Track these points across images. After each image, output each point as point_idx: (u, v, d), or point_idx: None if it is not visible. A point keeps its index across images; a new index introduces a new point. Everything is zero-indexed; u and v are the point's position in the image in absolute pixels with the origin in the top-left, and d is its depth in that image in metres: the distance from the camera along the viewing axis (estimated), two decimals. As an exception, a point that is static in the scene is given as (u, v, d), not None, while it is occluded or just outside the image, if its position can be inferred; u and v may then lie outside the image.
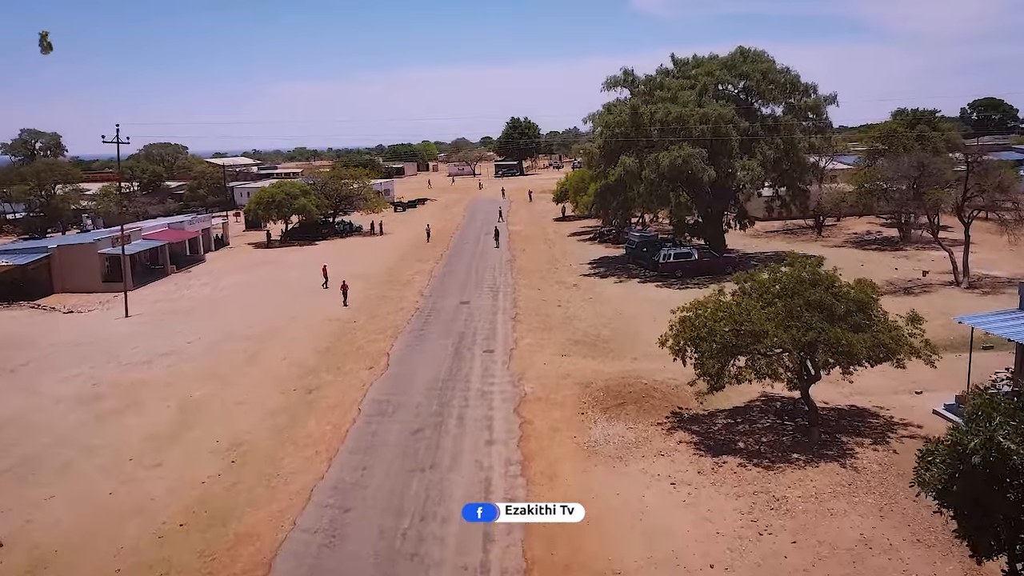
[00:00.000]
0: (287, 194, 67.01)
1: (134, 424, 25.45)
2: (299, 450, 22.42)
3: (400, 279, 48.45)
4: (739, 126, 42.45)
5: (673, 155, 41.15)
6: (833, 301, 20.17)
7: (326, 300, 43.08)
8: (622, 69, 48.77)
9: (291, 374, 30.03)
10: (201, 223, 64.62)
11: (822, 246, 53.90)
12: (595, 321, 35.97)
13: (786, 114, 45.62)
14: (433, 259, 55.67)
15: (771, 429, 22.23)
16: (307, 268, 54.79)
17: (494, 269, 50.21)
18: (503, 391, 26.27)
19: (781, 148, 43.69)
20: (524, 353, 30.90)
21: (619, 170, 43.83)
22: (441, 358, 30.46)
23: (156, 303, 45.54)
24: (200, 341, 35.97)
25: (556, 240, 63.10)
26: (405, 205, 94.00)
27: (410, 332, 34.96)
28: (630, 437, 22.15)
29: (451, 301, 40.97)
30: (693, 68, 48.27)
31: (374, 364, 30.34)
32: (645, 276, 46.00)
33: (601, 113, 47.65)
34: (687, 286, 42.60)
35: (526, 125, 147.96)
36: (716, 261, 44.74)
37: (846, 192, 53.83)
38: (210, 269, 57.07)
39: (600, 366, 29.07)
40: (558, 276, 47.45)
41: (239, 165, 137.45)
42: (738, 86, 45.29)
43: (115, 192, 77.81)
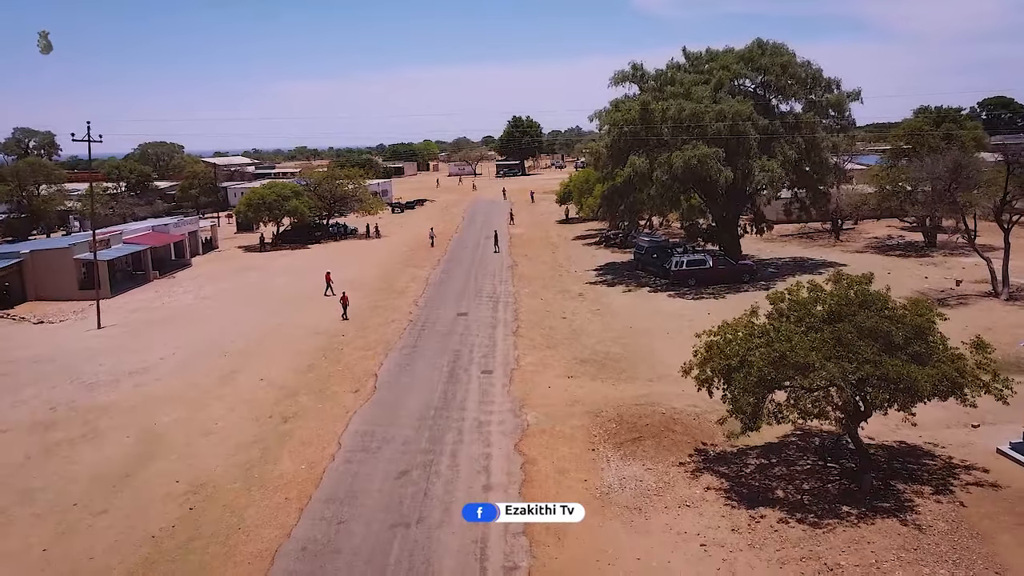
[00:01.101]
0: (278, 195, 64.04)
1: (86, 459, 22.51)
2: (267, 495, 19.45)
3: (394, 287, 45.49)
4: (758, 124, 39.42)
5: (687, 155, 38.14)
6: (891, 328, 17.14)
7: (315, 310, 40.13)
8: (631, 63, 45.80)
9: (268, 398, 27.07)
10: (188, 226, 61.70)
11: (842, 251, 50.93)
12: (604, 336, 33.00)
13: (806, 111, 42.57)
14: (430, 264, 52.70)
15: (813, 473, 19.24)
16: (297, 274, 51.92)
17: (494, 276, 47.21)
18: (502, 421, 23.28)
19: (802, 147, 40.65)
20: (526, 374, 27.92)
21: (628, 171, 40.83)
22: (434, 380, 27.48)
23: (133, 312, 42.60)
24: (174, 357, 33.05)
25: (560, 244, 60.09)
26: (403, 206, 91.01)
27: (402, 349, 31.98)
28: (649, 482, 19.16)
29: (447, 312, 37.99)
30: (706, 62, 45.25)
31: (360, 387, 27.37)
32: (655, 284, 43.00)
33: (608, 110, 44.63)
34: (701, 296, 39.63)
35: (528, 124, 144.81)
36: (732, 269, 41.73)
37: (867, 194, 50.82)
38: (195, 274, 54.16)
39: (611, 390, 26.09)
40: (562, 284, 44.47)
41: (234, 165, 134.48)
42: (756, 81, 42.22)
43: (100, 193, 75.15)
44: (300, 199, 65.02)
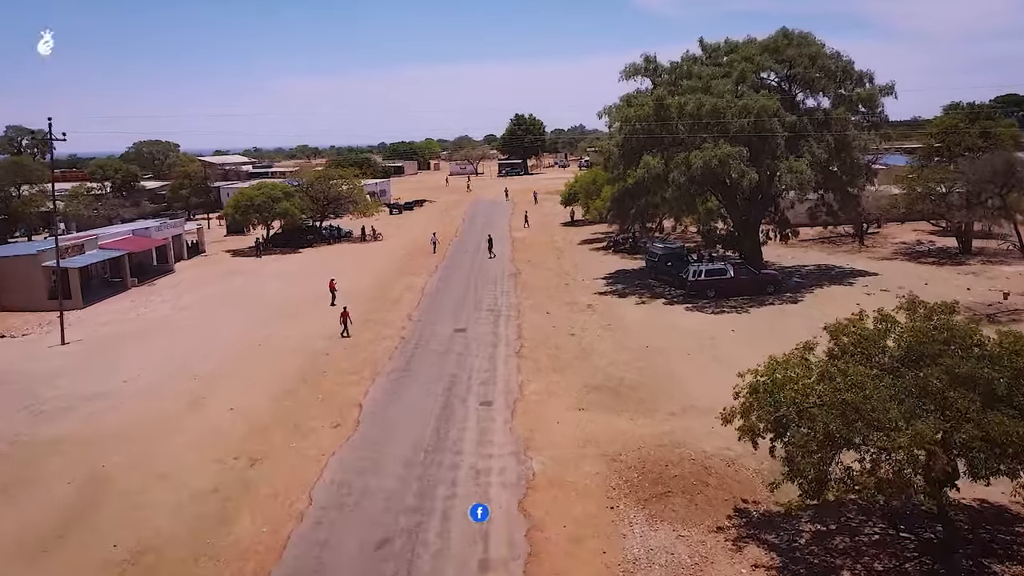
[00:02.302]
0: (268, 197, 60.64)
1: (16, 514, 19.13)
2: (218, 569, 16.04)
3: (388, 297, 42.04)
4: (785, 121, 35.91)
5: (708, 155, 34.65)
6: (991, 374, 13.68)
7: (301, 323, 36.74)
8: (643, 55, 42.32)
9: (236, 432, 23.67)
10: (172, 229, 58.32)
11: (868, 258, 47.42)
12: (617, 357, 29.54)
13: (835, 106, 38.97)
14: (427, 271, 49.26)
15: (883, 546, 15.78)
16: (285, 281, 48.54)
17: (495, 285, 43.74)
18: (503, 469, 19.84)
19: (832, 146, 37.13)
20: (531, 406, 24.47)
21: (641, 171, 37.34)
22: (426, 413, 24.04)
23: (103, 326, 39.21)
24: (139, 379, 29.68)
25: (565, 249, 56.59)
26: (402, 207, 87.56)
27: (391, 372, 28.55)
28: (683, 555, 15.72)
29: (444, 328, 34.55)
30: (725, 54, 41.73)
31: (341, 420, 23.94)
32: (670, 295, 39.52)
33: (619, 106, 41.09)
34: (722, 309, 36.15)
35: (531, 122, 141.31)
36: (755, 279, 38.22)
37: (897, 197, 47.31)
38: (177, 281, 50.75)
39: (629, 426, 22.64)
40: (569, 294, 41.00)
41: (229, 164, 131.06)
42: (781, 74, 38.67)
43: (84, 194, 71.86)
44: (291, 200, 61.62)
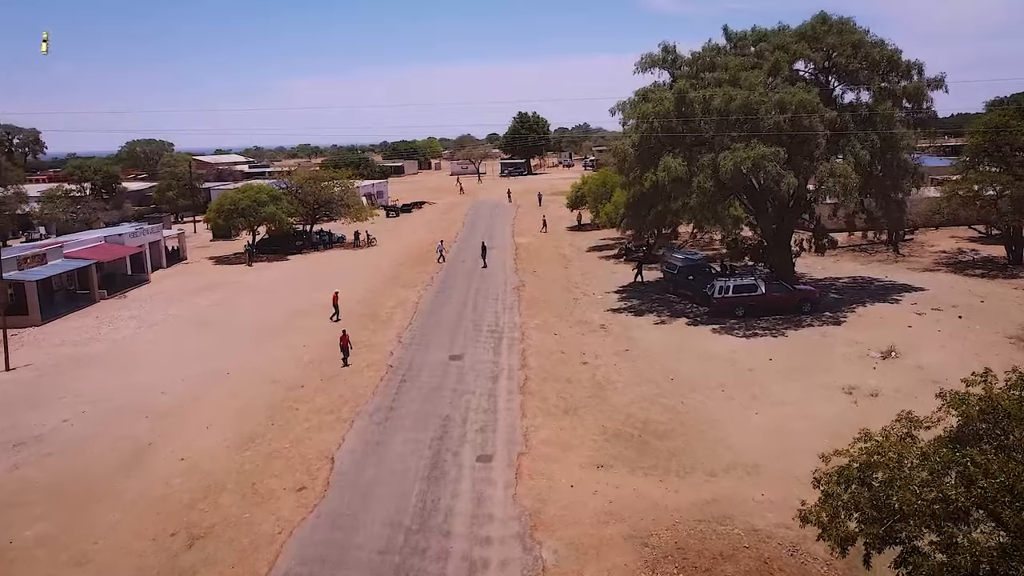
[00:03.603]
0: (253, 200, 56.38)
1: None
2: None
3: (378, 314, 37.78)
4: (826, 117, 31.57)
5: (739, 156, 30.32)
6: None
7: (279, 344, 32.57)
8: (661, 44, 37.94)
9: (182, 495, 19.50)
10: (150, 235, 54.08)
11: (908, 269, 43.03)
12: (638, 392, 25.28)
13: (876, 100, 34.55)
14: (422, 283, 45.00)
15: None
16: (268, 293, 44.36)
17: (497, 300, 39.45)
18: (505, 563, 15.55)
19: (876, 146, 32.79)
20: (538, 462, 20.22)
21: (661, 175, 33.01)
22: (410, 473, 19.79)
23: (58, 347, 35.05)
24: (83, 418, 25.60)
25: (573, 257, 52.27)
26: (399, 210, 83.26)
27: (374, 412, 24.29)
28: None
29: (437, 354, 30.28)
30: (753, 43, 37.39)
31: (308, 481, 19.73)
32: (693, 314, 35.24)
33: (634, 101, 36.71)
34: (753, 331, 31.85)
35: (534, 120, 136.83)
36: (789, 296, 33.89)
37: (940, 200, 42.99)
38: (151, 293, 46.57)
39: (660, 491, 18.39)
40: (579, 311, 36.72)
41: (222, 163, 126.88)
42: (819, 64, 34.26)
43: (62, 196, 67.79)
44: (278, 204, 57.36)
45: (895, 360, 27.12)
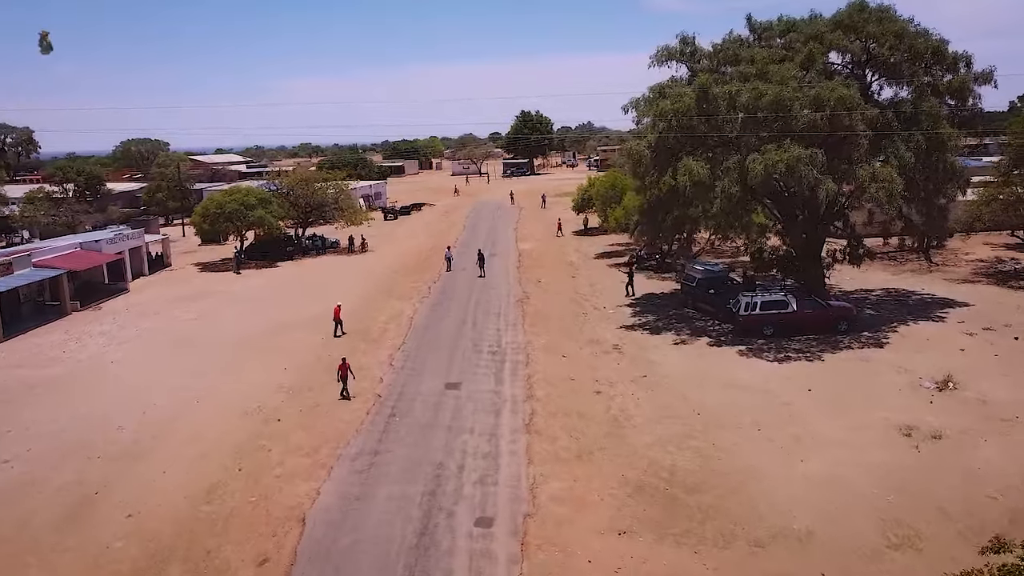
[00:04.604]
0: (240, 204, 53.13)
1: None
2: None
3: (369, 331, 34.48)
4: (867, 115, 28.22)
5: (772, 159, 26.99)
6: None
7: (260, 367, 29.33)
8: (679, 36, 34.61)
9: (119, 565, 16.30)
10: (130, 240, 50.91)
11: (945, 280, 39.67)
12: (661, 431, 22.00)
13: (916, 96, 31.10)
14: (418, 294, 41.74)
15: None
16: (253, 305, 41.16)
17: (499, 316, 36.14)
18: None
19: (922, 147, 29.44)
20: (549, 526, 16.93)
21: (682, 179, 29.66)
22: (395, 543, 16.50)
23: (16, 368, 31.85)
24: (25, 458, 22.49)
25: (580, 265, 48.92)
26: (398, 212, 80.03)
27: (356, 456, 21.03)
28: None
29: (431, 381, 26.99)
30: (780, 33, 34.03)
31: (271, 551, 16.47)
32: (715, 332, 31.93)
33: (650, 98, 33.31)
34: (786, 354, 28.49)
35: (537, 119, 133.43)
36: (823, 314, 30.52)
37: (979, 205, 39.67)
38: (129, 304, 43.32)
39: (697, 569, 15.11)
40: (590, 328, 33.43)
41: (217, 163, 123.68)
42: (858, 55, 30.87)
43: (41, 198, 64.57)
44: (268, 208, 54.13)
45: (953, 392, 23.79)
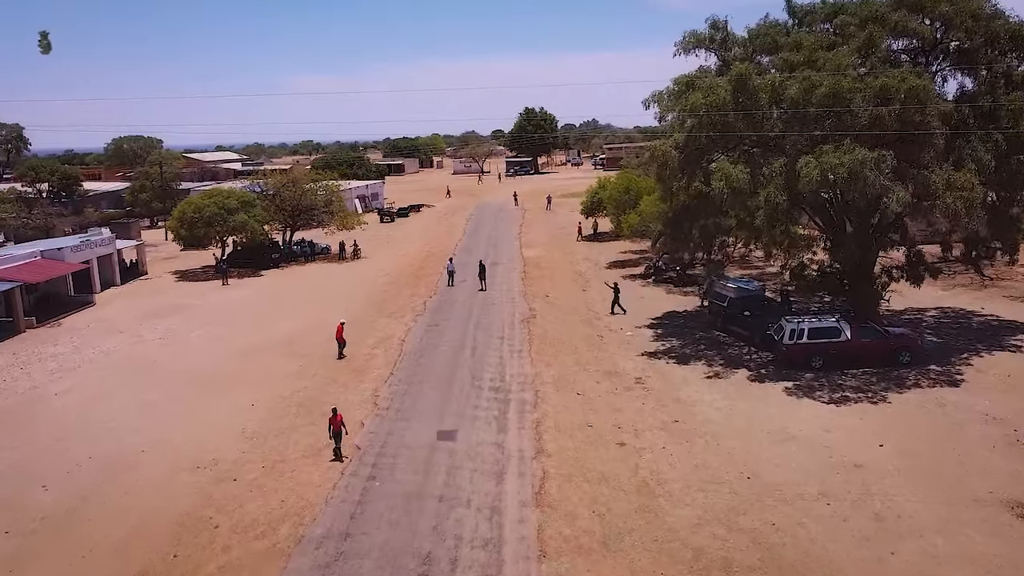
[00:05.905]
0: (221, 207, 48.77)
1: None
2: None
3: (353, 359, 29.94)
4: (943, 111, 23.75)
5: (830, 162, 22.52)
6: None
7: (225, 402, 24.95)
8: (708, 21, 30.22)
9: None
10: (100, 247, 46.55)
11: (1006, 298, 35.23)
12: (705, 501, 17.59)
13: (986, 87, 26.53)
14: (412, 311, 37.33)
15: None
16: (230, 321, 36.90)
17: (502, 339, 31.68)
18: None
19: (1003, 148, 24.96)
20: (571, 665, 12.54)
21: (718, 184, 25.19)
22: None
23: (-56, 403, 27.50)
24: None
25: (591, 276, 44.37)
26: (395, 214, 75.65)
27: (320, 544, 16.56)
28: None
29: (421, 429, 22.53)
30: (825, 18, 29.55)
31: None
32: (753, 361, 27.51)
33: (676, 91, 28.78)
34: (842, 393, 24.01)
35: (542, 117, 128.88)
36: (882, 344, 25.98)
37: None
38: (91, 320, 38.95)
39: None
40: (607, 356, 29.00)
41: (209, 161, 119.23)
42: (929, 40, 26.32)
43: (12, 200, 60.25)
44: (251, 212, 49.75)
45: (1063, 452, 19.37)
